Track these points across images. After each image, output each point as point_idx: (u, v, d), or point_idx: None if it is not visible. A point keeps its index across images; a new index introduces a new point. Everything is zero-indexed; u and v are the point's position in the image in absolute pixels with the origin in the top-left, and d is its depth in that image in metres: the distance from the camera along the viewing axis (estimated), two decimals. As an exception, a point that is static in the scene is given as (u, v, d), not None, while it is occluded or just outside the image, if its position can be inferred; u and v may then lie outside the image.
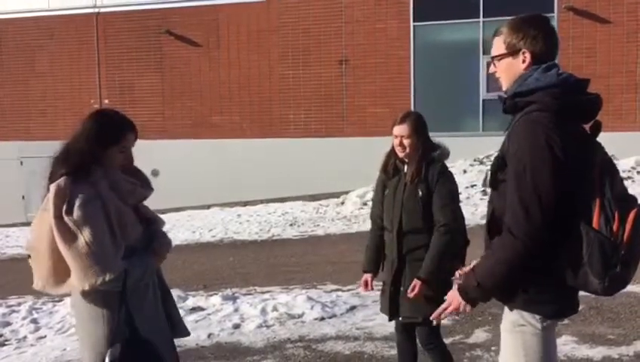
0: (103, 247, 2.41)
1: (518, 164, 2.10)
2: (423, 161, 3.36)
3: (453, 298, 2.27)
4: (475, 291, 2.20)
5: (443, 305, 2.32)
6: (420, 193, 3.34)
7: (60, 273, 2.46)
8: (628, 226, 2.02)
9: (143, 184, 2.70)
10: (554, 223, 2.05)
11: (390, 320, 3.56)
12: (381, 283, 3.64)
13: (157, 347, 2.57)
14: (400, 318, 3.48)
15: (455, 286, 2.29)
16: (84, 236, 2.39)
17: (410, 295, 3.29)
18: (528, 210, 2.06)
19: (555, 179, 2.05)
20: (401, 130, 3.37)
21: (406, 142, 3.36)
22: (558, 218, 2.06)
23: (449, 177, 3.40)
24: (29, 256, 2.57)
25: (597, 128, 2.20)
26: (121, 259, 2.47)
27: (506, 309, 2.27)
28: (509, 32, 2.25)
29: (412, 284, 3.29)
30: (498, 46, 2.29)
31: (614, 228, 2.02)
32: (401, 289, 3.41)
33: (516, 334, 2.23)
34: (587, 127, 2.23)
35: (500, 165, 2.21)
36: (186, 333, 2.86)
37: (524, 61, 2.23)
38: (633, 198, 2.12)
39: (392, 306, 3.45)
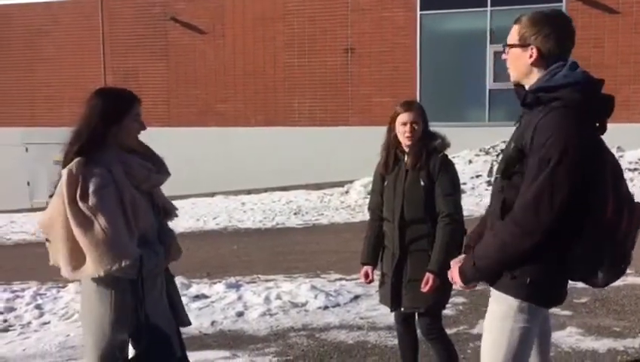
0: (119, 234, 2.42)
1: (545, 156, 2.11)
2: (424, 148, 3.34)
3: (453, 276, 2.40)
4: (471, 270, 2.28)
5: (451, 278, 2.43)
6: (422, 183, 3.31)
7: (77, 258, 2.46)
8: (634, 222, 2.15)
9: (159, 169, 2.69)
10: (566, 218, 2.10)
11: (392, 311, 3.54)
12: (379, 273, 3.62)
13: (166, 332, 2.59)
14: (402, 309, 3.47)
15: (456, 266, 2.38)
16: (100, 222, 2.39)
17: (424, 289, 3.26)
18: (539, 205, 2.09)
19: (573, 180, 2.08)
20: (411, 116, 3.34)
21: (416, 127, 3.34)
22: (572, 213, 2.10)
23: (451, 167, 3.38)
24: (47, 241, 2.56)
25: (603, 128, 2.26)
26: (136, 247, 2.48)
27: (499, 296, 2.30)
28: (526, 24, 2.28)
29: (425, 278, 3.26)
30: (513, 35, 2.33)
31: (623, 224, 2.13)
32: (403, 280, 3.40)
33: (506, 323, 2.27)
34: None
35: (517, 157, 2.23)
36: (187, 323, 2.86)
37: (531, 56, 2.27)
38: (633, 197, 2.23)
39: (395, 297, 3.43)
